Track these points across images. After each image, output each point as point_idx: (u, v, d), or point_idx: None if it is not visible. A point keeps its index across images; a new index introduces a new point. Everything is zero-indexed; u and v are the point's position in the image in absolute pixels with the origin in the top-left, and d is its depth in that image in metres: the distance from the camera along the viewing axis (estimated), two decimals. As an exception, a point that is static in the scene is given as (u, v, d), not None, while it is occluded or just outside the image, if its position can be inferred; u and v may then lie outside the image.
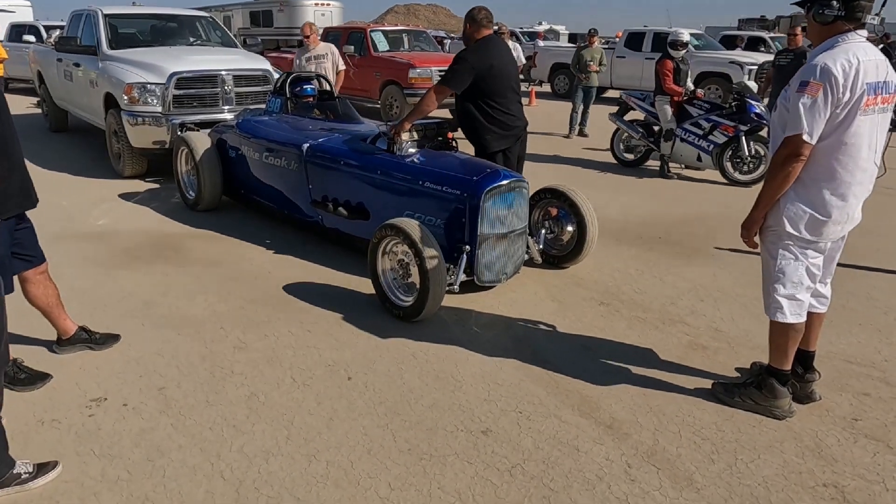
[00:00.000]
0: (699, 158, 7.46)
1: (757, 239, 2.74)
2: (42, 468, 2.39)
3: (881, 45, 13.91)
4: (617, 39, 16.84)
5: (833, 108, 2.37)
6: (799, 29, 8.12)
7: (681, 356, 3.41)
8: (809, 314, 2.80)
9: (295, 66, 7.76)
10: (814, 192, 2.54)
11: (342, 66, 8.05)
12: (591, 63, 10.24)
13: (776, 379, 2.83)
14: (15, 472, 2.33)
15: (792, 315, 2.70)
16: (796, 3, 2.56)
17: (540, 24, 33.33)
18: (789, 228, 2.59)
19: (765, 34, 18.91)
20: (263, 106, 6.24)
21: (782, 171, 2.50)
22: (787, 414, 2.82)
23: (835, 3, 2.40)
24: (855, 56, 2.34)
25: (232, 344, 3.47)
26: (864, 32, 2.43)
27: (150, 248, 4.95)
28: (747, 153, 7.18)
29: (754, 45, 16.98)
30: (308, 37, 7.77)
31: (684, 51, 7.58)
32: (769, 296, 2.74)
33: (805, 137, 2.40)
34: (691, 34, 11.54)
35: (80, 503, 2.31)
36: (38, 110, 10.91)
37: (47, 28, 14.61)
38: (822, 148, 2.46)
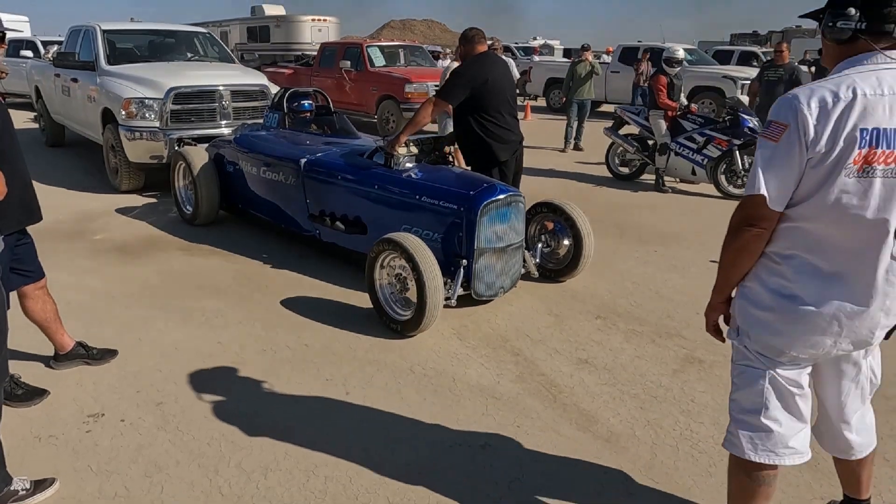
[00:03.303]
0: (693, 172, 7.53)
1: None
2: (39, 485, 2.38)
3: None
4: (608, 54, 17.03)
5: (805, 161, 1.61)
6: (785, 45, 8.42)
7: (677, 369, 3.42)
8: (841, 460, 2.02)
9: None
10: (778, 276, 1.74)
11: None
12: (591, 61, 10.39)
13: None
14: (12, 488, 2.31)
15: (753, 449, 1.86)
16: (807, 16, 1.84)
17: (535, 38, 33.69)
18: (742, 324, 1.84)
19: (757, 49, 19.13)
20: (261, 121, 6.27)
21: (733, 244, 1.76)
22: None
23: (852, 10, 1.64)
24: (851, 88, 1.57)
25: (229, 359, 3.47)
26: None
27: (147, 262, 4.95)
28: (741, 167, 7.25)
29: (747, 59, 17.16)
30: None
31: (679, 67, 7.69)
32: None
33: (765, 201, 1.65)
34: (684, 49, 11.67)
35: (78, 520, 2.30)
36: (36, 125, 10.95)
37: (45, 43, 14.67)
38: (799, 215, 1.68)
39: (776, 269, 1.74)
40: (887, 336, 1.78)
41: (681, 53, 7.71)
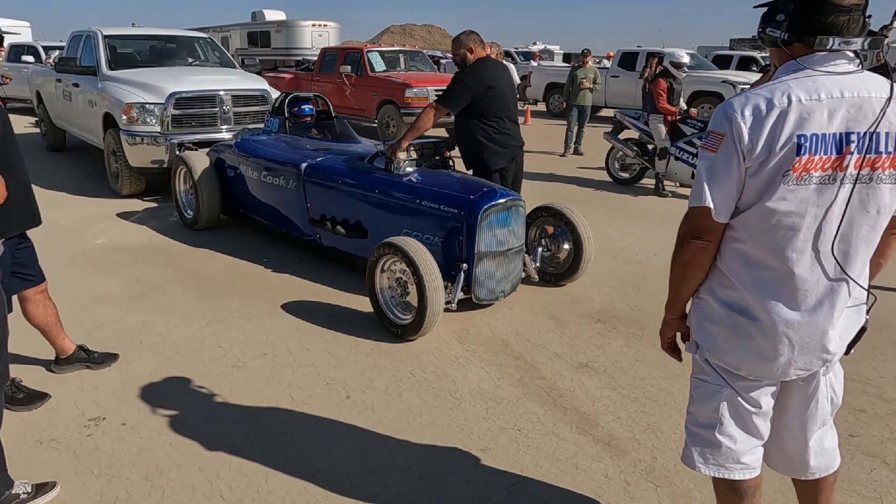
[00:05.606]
0: (693, 176, 7.53)
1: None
2: (40, 488, 2.39)
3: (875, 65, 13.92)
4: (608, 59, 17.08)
5: (744, 170, 1.57)
6: None
7: (678, 373, 3.42)
8: (800, 482, 1.96)
9: None
10: (730, 289, 1.69)
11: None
12: (584, 80, 10.39)
13: None
14: (13, 492, 2.32)
15: (704, 463, 1.84)
16: (760, 6, 1.70)
17: (534, 43, 33.79)
18: (698, 338, 1.80)
19: (756, 54, 19.17)
20: (262, 125, 6.29)
21: (680, 258, 1.71)
22: None
23: (780, 17, 1.59)
24: (786, 95, 1.52)
25: (230, 363, 3.47)
26: (841, 61, 1.55)
27: (148, 267, 4.96)
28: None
29: (746, 64, 17.20)
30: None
31: (684, 74, 7.71)
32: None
33: (709, 212, 1.61)
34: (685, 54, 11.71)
35: (79, 523, 2.30)
36: (37, 130, 10.98)
37: (46, 48, 14.72)
38: (741, 225, 1.63)
39: (726, 281, 1.70)
40: (847, 350, 1.72)
41: (686, 58, 7.74)
